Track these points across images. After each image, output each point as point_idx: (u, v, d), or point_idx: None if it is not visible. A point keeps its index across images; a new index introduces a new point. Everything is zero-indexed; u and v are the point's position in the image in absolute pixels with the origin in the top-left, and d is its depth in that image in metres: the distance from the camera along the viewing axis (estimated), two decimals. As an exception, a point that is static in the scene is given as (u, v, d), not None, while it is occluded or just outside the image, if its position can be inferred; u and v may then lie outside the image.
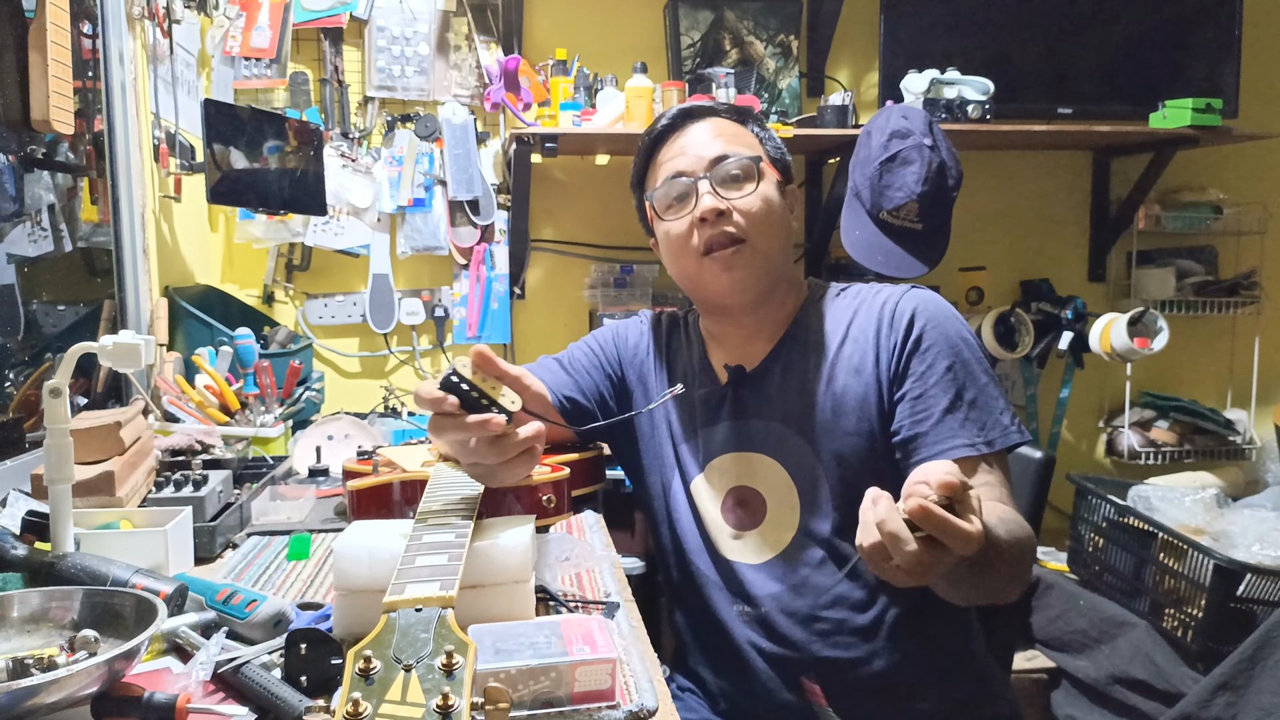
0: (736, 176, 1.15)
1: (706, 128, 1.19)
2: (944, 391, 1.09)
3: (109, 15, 1.84)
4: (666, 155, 1.20)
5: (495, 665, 0.77)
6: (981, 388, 1.10)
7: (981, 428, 1.09)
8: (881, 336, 1.14)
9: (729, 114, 1.22)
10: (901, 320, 1.13)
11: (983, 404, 1.10)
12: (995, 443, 1.08)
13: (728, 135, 1.18)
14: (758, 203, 1.14)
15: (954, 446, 1.08)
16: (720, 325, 1.25)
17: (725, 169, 1.15)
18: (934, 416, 1.09)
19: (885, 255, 2.10)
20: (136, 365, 1.05)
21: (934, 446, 1.08)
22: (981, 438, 1.08)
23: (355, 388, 2.62)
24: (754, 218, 1.14)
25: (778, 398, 1.17)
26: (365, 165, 2.52)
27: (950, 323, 1.13)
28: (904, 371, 1.12)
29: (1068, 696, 2.21)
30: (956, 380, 1.10)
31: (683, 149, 1.18)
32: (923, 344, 1.11)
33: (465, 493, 1.01)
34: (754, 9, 2.61)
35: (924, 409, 1.09)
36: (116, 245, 1.86)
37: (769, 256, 1.16)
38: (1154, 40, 2.65)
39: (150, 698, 0.76)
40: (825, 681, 1.12)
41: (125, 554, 1.03)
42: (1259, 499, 2.44)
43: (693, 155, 1.17)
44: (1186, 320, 2.83)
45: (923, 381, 1.10)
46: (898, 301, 1.15)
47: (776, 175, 1.19)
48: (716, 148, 1.16)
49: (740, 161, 1.15)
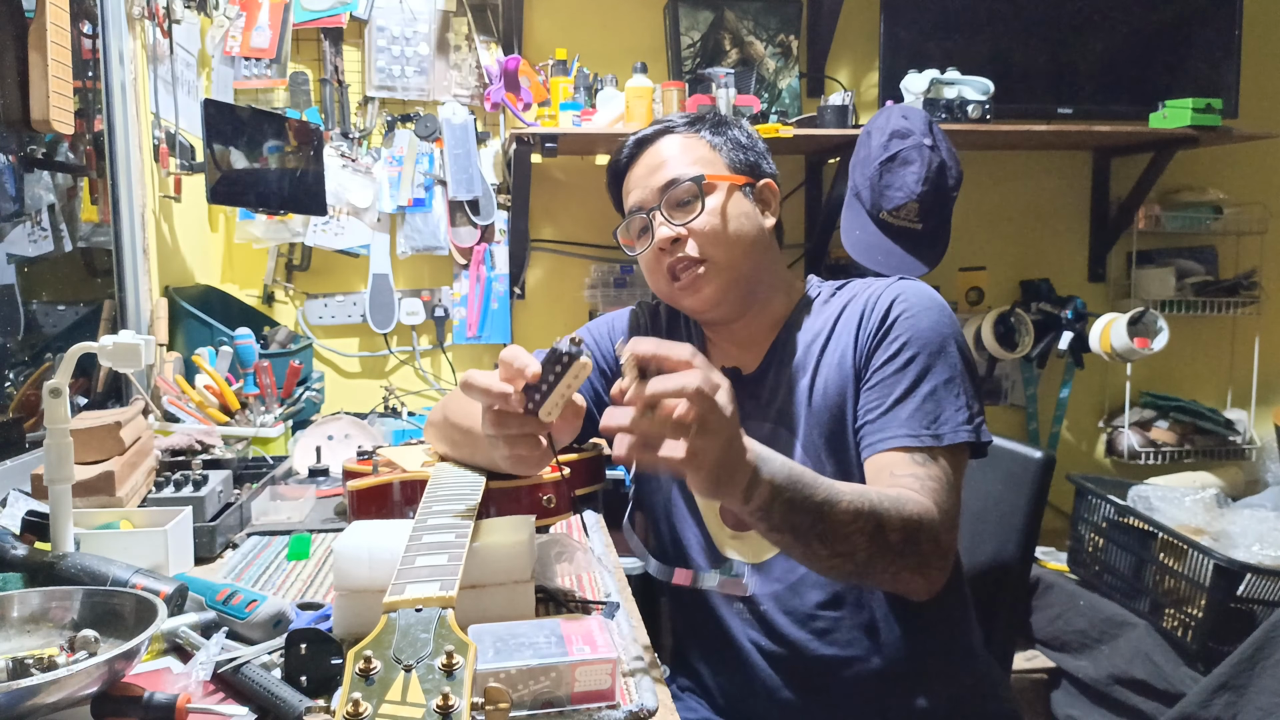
0: (684, 200, 1.16)
1: (657, 152, 1.20)
2: (899, 381, 1.07)
3: (109, 15, 1.84)
4: (628, 187, 1.23)
5: (495, 665, 0.77)
6: (944, 381, 1.07)
7: (933, 420, 1.06)
8: (861, 328, 1.13)
9: (683, 127, 1.22)
10: (879, 310, 1.12)
11: (941, 398, 1.07)
12: (944, 437, 1.05)
13: (676, 156, 1.19)
14: (708, 220, 1.15)
15: (895, 435, 1.05)
16: (715, 330, 1.26)
17: (673, 195, 1.16)
18: (884, 405, 1.07)
19: (885, 255, 2.11)
20: (136, 365, 1.05)
21: (876, 434, 1.07)
22: (929, 430, 1.05)
23: (355, 388, 2.62)
24: (708, 236, 1.14)
25: (770, 400, 1.17)
26: (365, 165, 2.52)
27: (928, 314, 1.11)
28: (869, 359, 1.11)
29: (1068, 696, 2.21)
30: (916, 370, 1.08)
31: (638, 180, 1.20)
32: (891, 333, 1.10)
33: (465, 493, 1.01)
34: (754, 9, 2.61)
35: (877, 398, 1.08)
36: (116, 245, 1.86)
37: (734, 267, 1.16)
38: (1154, 40, 2.66)
39: (150, 698, 0.76)
40: (825, 679, 1.13)
41: (125, 554, 1.03)
42: (1259, 499, 2.44)
43: (644, 187, 1.19)
44: (1186, 320, 2.83)
45: (882, 370, 1.09)
46: (881, 293, 1.14)
47: (733, 180, 1.18)
48: (662, 176, 1.17)
49: (683, 184, 1.16)
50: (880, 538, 0.95)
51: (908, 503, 0.98)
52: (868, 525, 0.93)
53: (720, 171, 1.18)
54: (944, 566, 1.03)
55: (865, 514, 0.93)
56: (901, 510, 0.97)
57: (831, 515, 0.91)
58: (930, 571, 1.02)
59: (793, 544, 0.93)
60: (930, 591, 1.04)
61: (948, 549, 1.03)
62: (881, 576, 1.01)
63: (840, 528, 0.92)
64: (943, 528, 1.00)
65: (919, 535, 0.97)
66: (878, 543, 0.95)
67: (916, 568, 1.00)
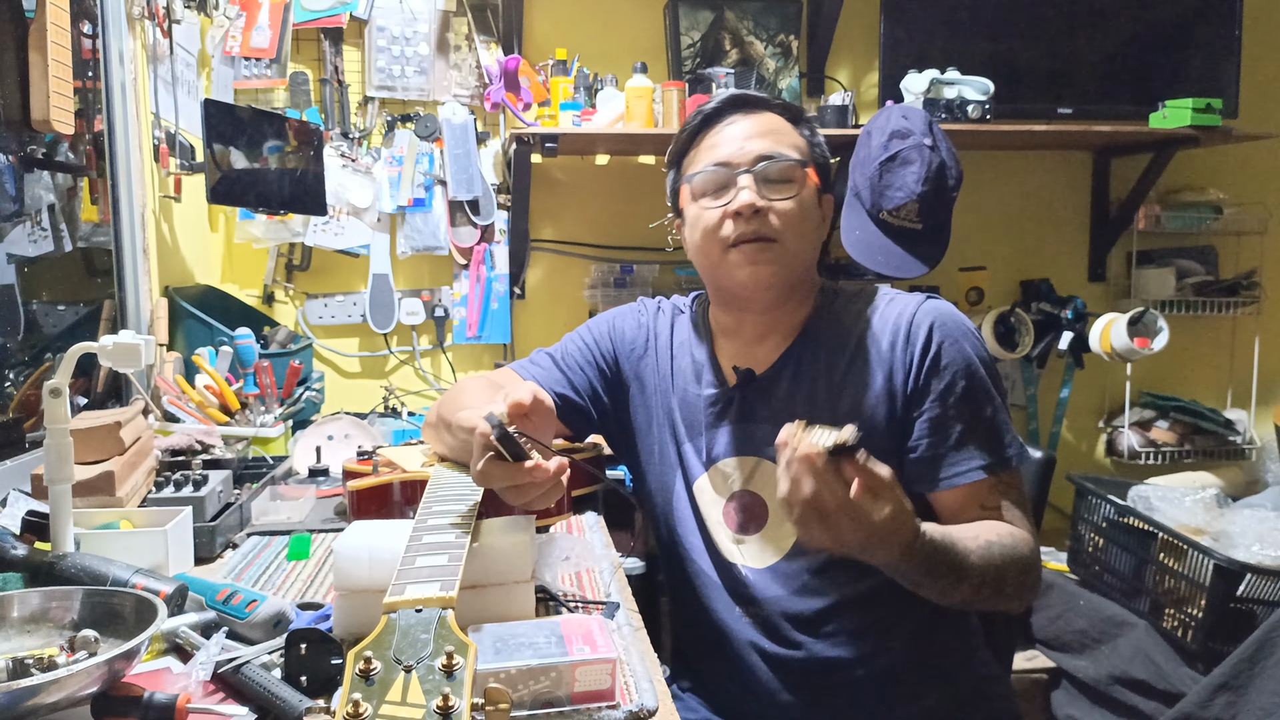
0: (779, 178, 1.14)
1: (756, 122, 1.18)
2: (962, 413, 1.10)
3: (109, 15, 1.84)
4: (711, 141, 1.18)
5: (495, 665, 0.77)
6: (997, 407, 1.13)
7: (1000, 445, 1.11)
8: (897, 350, 1.13)
9: (782, 111, 1.20)
10: (919, 335, 1.12)
11: (1000, 422, 1.12)
12: (1012, 460, 1.11)
13: (776, 134, 1.17)
14: (796, 207, 1.14)
15: (974, 468, 1.09)
16: (733, 319, 1.23)
17: (769, 168, 1.14)
18: (952, 438, 1.10)
19: (885, 255, 2.10)
20: (136, 365, 1.06)
21: (954, 467, 1.10)
22: (998, 456, 1.10)
23: (355, 388, 2.62)
24: (789, 220, 1.14)
25: (784, 403, 1.16)
26: (365, 165, 2.52)
27: (968, 339, 1.13)
28: (923, 389, 1.11)
29: (1068, 696, 2.21)
30: (975, 400, 1.11)
31: (730, 138, 1.17)
32: (941, 361, 1.11)
33: (465, 493, 1.01)
34: (754, 9, 2.61)
35: (943, 430, 1.11)
36: (116, 245, 1.86)
37: (798, 258, 1.16)
38: (1154, 40, 2.65)
39: (150, 698, 0.76)
40: (826, 681, 1.12)
41: (125, 554, 1.03)
42: (1259, 499, 2.44)
43: (738, 147, 1.15)
44: (1186, 320, 2.83)
45: (941, 401, 1.11)
46: (914, 314, 1.14)
47: (817, 181, 1.18)
48: (764, 145, 1.15)
49: (785, 163, 1.14)
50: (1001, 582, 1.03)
51: (1020, 544, 1.06)
52: (989, 577, 1.01)
53: (812, 167, 1.18)
54: (1038, 588, 1.11)
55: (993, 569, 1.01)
56: (1011, 554, 1.04)
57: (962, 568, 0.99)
58: (1029, 594, 1.10)
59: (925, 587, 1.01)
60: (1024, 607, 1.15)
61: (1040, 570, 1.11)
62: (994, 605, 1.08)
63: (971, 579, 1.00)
64: (1038, 556, 1.09)
65: (1027, 573, 1.06)
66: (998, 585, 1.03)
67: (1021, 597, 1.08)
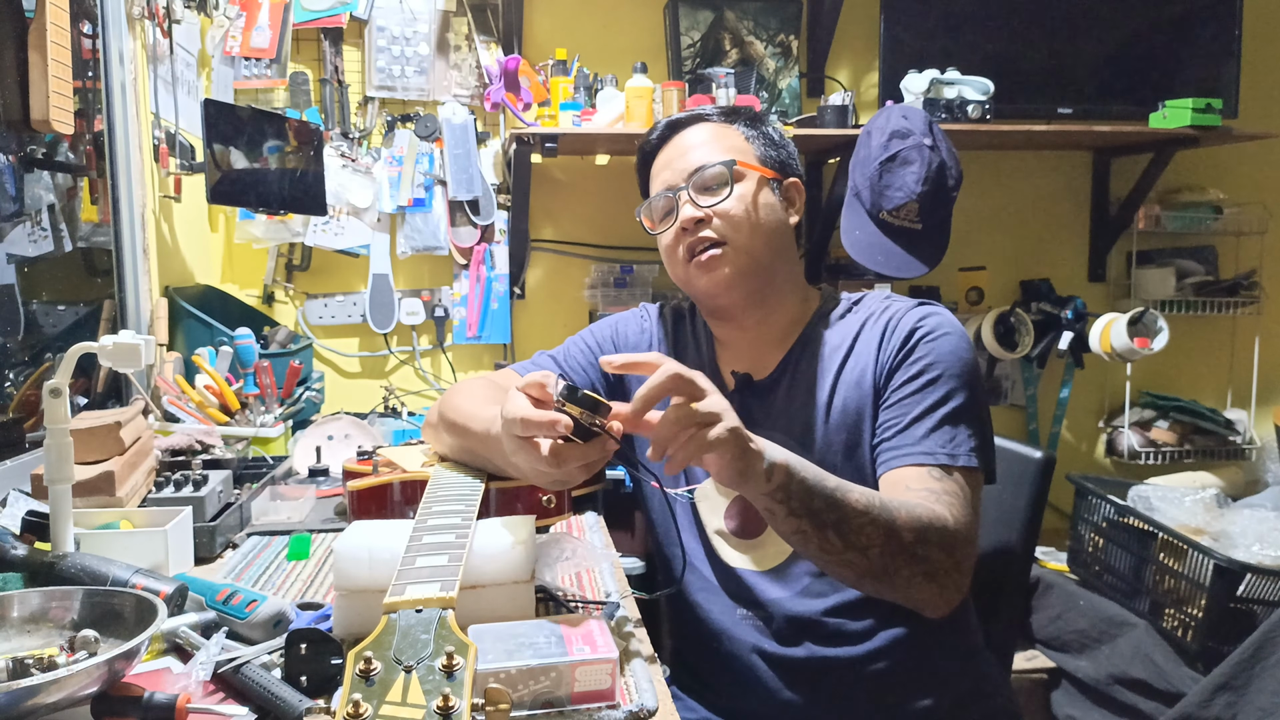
0: (712, 183, 1.17)
1: (689, 137, 1.22)
2: (919, 401, 1.09)
3: (109, 15, 1.84)
4: (656, 169, 1.24)
5: (495, 666, 0.77)
6: (962, 407, 1.09)
7: (949, 441, 1.08)
8: (882, 348, 1.14)
9: (718, 117, 1.24)
10: (901, 333, 1.14)
11: (958, 422, 1.09)
12: (959, 458, 1.07)
13: (709, 142, 1.21)
14: (734, 205, 1.16)
15: (911, 453, 1.07)
16: (725, 329, 1.25)
17: (702, 177, 1.17)
18: (901, 424, 1.09)
19: (885, 255, 2.10)
20: (136, 365, 1.05)
21: (892, 451, 1.09)
22: (945, 450, 1.07)
23: (355, 388, 2.62)
24: (732, 219, 1.16)
25: (782, 409, 1.17)
26: (365, 165, 2.52)
27: (949, 340, 1.13)
28: (889, 377, 1.13)
29: (1068, 696, 2.21)
30: (936, 393, 1.10)
31: (667, 162, 1.22)
32: (913, 354, 1.12)
33: (465, 493, 1.01)
34: (754, 9, 2.61)
35: (895, 416, 1.10)
36: (116, 245, 1.86)
37: (753, 253, 1.17)
38: (1154, 40, 2.66)
39: (150, 698, 0.76)
40: (826, 681, 1.12)
41: (125, 554, 1.03)
42: (1259, 499, 2.44)
43: (675, 168, 1.20)
44: (1186, 320, 2.83)
45: (902, 390, 1.11)
46: (903, 316, 1.15)
47: (763, 173, 1.20)
48: (696, 157, 1.19)
49: (714, 168, 1.17)
50: (894, 536, 0.97)
51: (917, 506, 1.01)
52: (880, 518, 0.97)
53: (751, 162, 1.20)
54: (959, 584, 1.05)
55: (877, 508, 0.97)
56: (912, 511, 1.00)
57: (845, 503, 0.95)
58: (945, 582, 1.03)
59: (810, 533, 0.96)
60: (946, 607, 1.06)
61: (962, 561, 1.04)
62: (896, 580, 1.01)
63: (854, 518, 0.96)
64: (957, 538, 1.02)
65: (929, 535, 0.99)
66: (891, 541, 0.97)
67: (930, 575, 1.01)
